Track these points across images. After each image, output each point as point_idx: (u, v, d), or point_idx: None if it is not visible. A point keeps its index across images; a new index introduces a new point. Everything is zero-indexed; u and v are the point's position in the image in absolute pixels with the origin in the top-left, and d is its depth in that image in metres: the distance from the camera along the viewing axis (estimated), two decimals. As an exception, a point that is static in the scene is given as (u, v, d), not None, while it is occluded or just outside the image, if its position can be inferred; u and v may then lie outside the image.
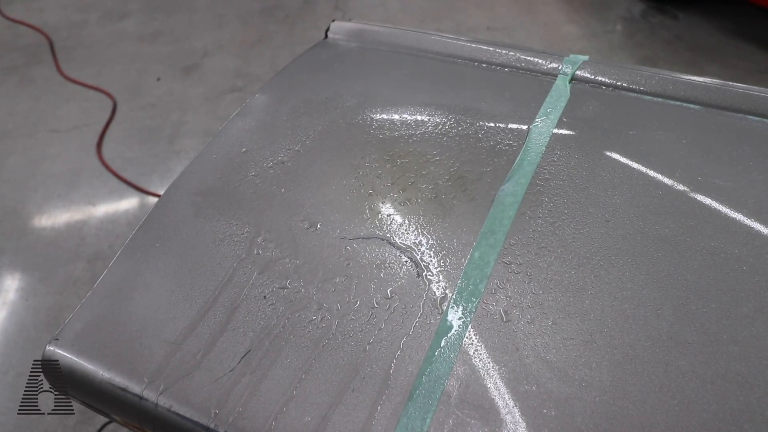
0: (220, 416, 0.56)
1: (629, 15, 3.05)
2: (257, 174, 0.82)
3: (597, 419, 0.53)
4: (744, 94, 0.85)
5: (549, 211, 0.72)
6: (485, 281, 0.65)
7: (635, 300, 0.61)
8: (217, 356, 0.61)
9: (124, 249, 0.74)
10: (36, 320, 1.71)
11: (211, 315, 0.65)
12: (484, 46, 1.01)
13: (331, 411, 0.56)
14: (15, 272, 1.87)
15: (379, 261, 0.68)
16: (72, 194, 2.12)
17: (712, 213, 0.70)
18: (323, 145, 0.85)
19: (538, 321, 0.61)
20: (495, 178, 0.77)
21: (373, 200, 0.76)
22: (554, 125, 0.84)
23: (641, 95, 0.90)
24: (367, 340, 0.61)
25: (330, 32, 1.12)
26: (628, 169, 0.76)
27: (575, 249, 0.67)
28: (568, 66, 0.94)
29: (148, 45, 2.95)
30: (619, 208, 0.71)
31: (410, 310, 0.63)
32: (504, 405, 0.55)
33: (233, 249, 0.72)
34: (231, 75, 2.71)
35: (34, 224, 2.02)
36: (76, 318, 0.67)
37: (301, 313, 0.64)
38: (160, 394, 0.59)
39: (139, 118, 2.46)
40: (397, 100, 0.92)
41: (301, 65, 1.04)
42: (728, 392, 0.53)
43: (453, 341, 0.60)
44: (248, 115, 0.93)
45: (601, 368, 0.56)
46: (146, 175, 2.18)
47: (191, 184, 0.82)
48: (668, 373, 0.55)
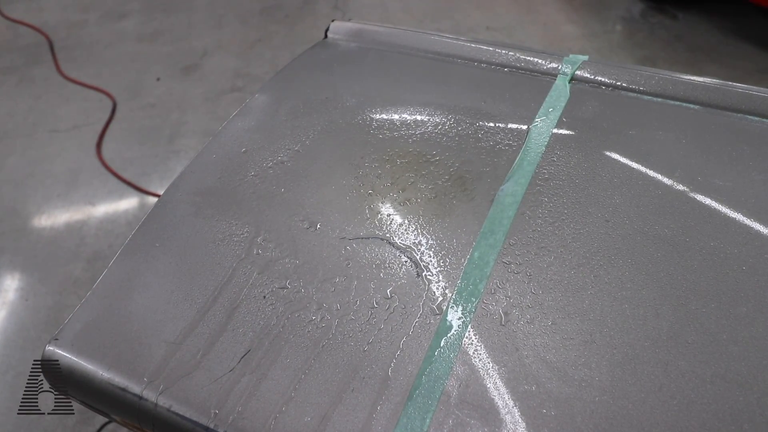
0: (220, 416, 0.56)
1: (629, 15, 3.05)
2: (257, 174, 0.82)
3: (597, 419, 0.53)
4: (743, 94, 0.85)
5: (549, 211, 0.72)
6: (485, 281, 0.65)
7: (635, 300, 0.61)
8: (217, 356, 0.61)
9: (123, 249, 0.74)
10: (36, 320, 1.71)
11: (211, 315, 0.65)
12: (484, 46, 1.01)
13: (330, 411, 0.56)
14: (15, 272, 1.86)
15: (378, 261, 0.68)
16: (72, 194, 2.12)
17: (712, 213, 0.70)
18: (323, 145, 0.85)
19: (537, 321, 0.61)
20: (495, 178, 0.77)
21: (372, 200, 0.76)
22: (554, 125, 0.84)
23: (641, 95, 0.90)
24: (367, 340, 0.61)
25: (330, 32, 1.12)
26: (627, 169, 0.76)
27: (575, 249, 0.67)
28: (568, 66, 0.94)
29: (148, 45, 2.95)
30: (618, 208, 0.71)
31: (410, 310, 0.63)
32: (504, 405, 0.55)
33: (233, 249, 0.72)
34: (231, 75, 2.71)
35: (33, 224, 2.02)
36: (75, 318, 0.67)
37: (300, 313, 0.64)
38: (159, 394, 0.59)
39: (138, 118, 2.46)
40: (396, 100, 0.92)
41: (301, 65, 1.04)
42: (728, 392, 0.53)
43: (453, 341, 0.60)
44: (248, 115, 0.93)
45: (601, 368, 0.56)
46: (146, 175, 2.18)
47: (191, 184, 0.82)
48: (668, 373, 0.55)
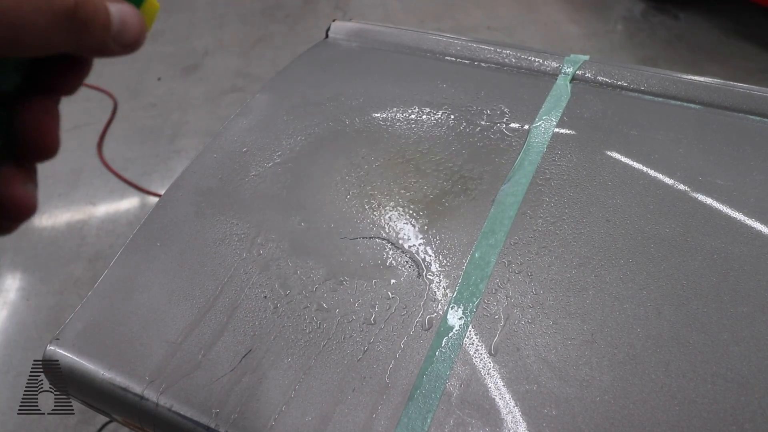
0: (221, 416, 0.56)
1: (630, 15, 3.05)
2: (258, 174, 0.82)
3: (598, 419, 0.53)
4: (745, 94, 0.85)
5: (550, 210, 0.72)
6: (486, 281, 0.65)
7: (636, 300, 0.61)
8: (218, 356, 0.61)
9: (124, 249, 0.74)
10: (37, 320, 1.71)
11: (212, 315, 0.65)
12: (485, 45, 1.01)
13: (331, 411, 0.56)
14: (16, 272, 1.87)
15: (379, 261, 0.68)
16: (73, 194, 2.12)
17: (713, 213, 0.70)
18: (324, 145, 0.85)
19: (538, 321, 0.61)
20: (496, 177, 0.77)
21: (373, 200, 0.76)
22: (555, 125, 0.83)
23: (642, 95, 0.90)
24: (368, 340, 0.61)
25: (331, 32, 1.12)
26: (628, 169, 0.76)
27: (576, 249, 0.67)
28: (569, 66, 0.94)
29: (149, 45, 2.93)
30: (619, 208, 0.71)
31: (411, 310, 0.63)
32: (505, 405, 0.55)
33: (234, 249, 0.72)
34: (232, 75, 2.71)
35: (34, 224, 2.02)
36: (76, 318, 0.67)
37: (301, 312, 0.64)
38: (160, 394, 0.59)
39: (139, 118, 2.46)
40: (397, 99, 0.92)
41: (302, 65, 1.04)
42: (729, 392, 0.53)
43: (454, 341, 0.60)
44: (249, 114, 0.93)
45: (602, 368, 0.56)
46: (147, 175, 2.18)
47: (192, 184, 0.82)
48: (669, 373, 0.55)
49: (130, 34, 0.29)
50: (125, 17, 0.29)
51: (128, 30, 0.29)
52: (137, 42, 0.30)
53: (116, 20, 0.29)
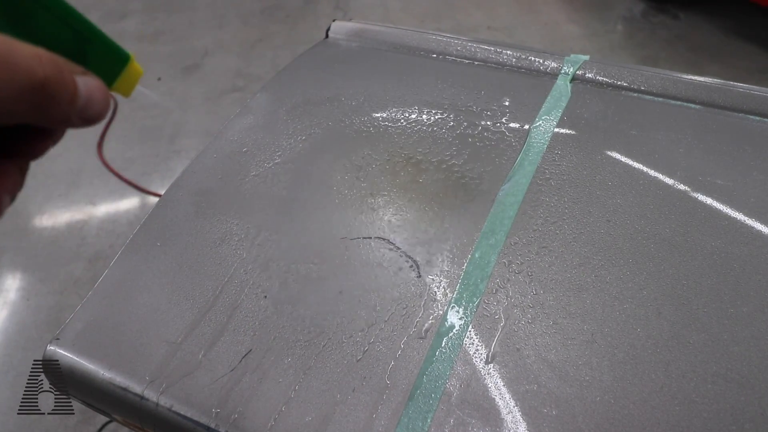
0: (221, 415, 0.56)
1: (630, 15, 3.05)
2: (258, 174, 0.82)
3: (598, 419, 0.53)
4: (745, 94, 0.85)
5: (550, 210, 0.72)
6: (486, 281, 0.65)
7: (636, 300, 0.61)
8: (218, 356, 0.61)
9: (124, 249, 0.74)
10: (37, 320, 1.71)
11: (212, 315, 0.65)
12: (485, 45, 1.01)
13: (331, 411, 0.56)
14: (16, 272, 1.87)
15: (379, 261, 0.68)
16: (73, 194, 2.12)
17: (713, 212, 0.70)
18: (324, 145, 0.85)
19: (539, 321, 0.61)
20: (496, 177, 0.77)
21: (373, 200, 0.76)
22: (555, 125, 0.83)
23: (642, 95, 0.90)
24: (368, 340, 0.61)
25: (331, 32, 1.12)
26: (629, 169, 0.76)
27: (576, 249, 0.67)
28: (569, 66, 0.94)
29: (149, 45, 2.96)
30: (620, 208, 0.71)
31: (411, 310, 0.63)
32: (505, 405, 0.55)
33: (234, 249, 0.72)
34: (232, 75, 2.71)
35: (34, 224, 2.02)
36: (76, 318, 0.67)
37: (302, 313, 0.64)
38: (161, 394, 0.59)
39: (139, 118, 2.47)
40: (397, 99, 0.92)
41: (302, 65, 1.04)
42: (729, 392, 0.53)
43: (454, 341, 0.60)
44: (249, 114, 0.93)
45: (602, 368, 0.56)
46: (147, 175, 2.19)
47: (192, 184, 0.82)
48: (669, 373, 0.55)
49: (94, 109, 0.30)
50: (91, 93, 0.29)
51: (93, 106, 0.29)
52: (100, 116, 0.30)
53: (83, 96, 0.29)
